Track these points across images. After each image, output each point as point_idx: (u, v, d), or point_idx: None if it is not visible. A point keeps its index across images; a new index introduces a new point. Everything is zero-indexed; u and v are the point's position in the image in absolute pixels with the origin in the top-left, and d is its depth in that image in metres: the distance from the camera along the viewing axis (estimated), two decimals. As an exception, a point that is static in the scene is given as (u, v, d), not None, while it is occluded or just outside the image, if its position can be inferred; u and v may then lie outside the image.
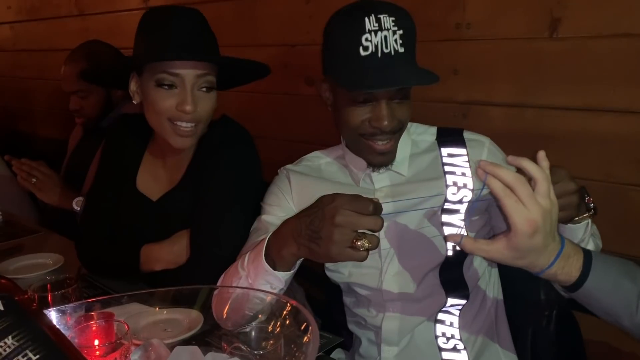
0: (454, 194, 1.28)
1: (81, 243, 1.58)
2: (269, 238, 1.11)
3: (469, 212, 1.27)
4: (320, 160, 1.45)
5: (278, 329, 0.84)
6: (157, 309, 1.07)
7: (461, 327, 1.31)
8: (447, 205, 1.28)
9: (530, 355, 1.39)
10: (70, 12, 3.23)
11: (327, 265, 1.43)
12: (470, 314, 1.33)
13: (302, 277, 1.68)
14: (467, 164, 1.30)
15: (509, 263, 0.97)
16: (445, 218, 1.28)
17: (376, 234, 0.98)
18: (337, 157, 1.42)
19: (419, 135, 1.39)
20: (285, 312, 0.84)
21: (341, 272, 1.40)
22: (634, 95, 1.39)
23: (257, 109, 2.28)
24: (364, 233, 0.96)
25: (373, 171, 1.33)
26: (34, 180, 2.02)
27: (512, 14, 1.55)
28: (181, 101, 1.37)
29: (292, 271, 1.11)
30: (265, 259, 1.09)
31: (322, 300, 1.81)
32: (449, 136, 1.36)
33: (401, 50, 1.16)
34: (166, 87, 1.37)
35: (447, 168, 1.31)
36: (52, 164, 2.45)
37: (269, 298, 0.93)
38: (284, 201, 1.40)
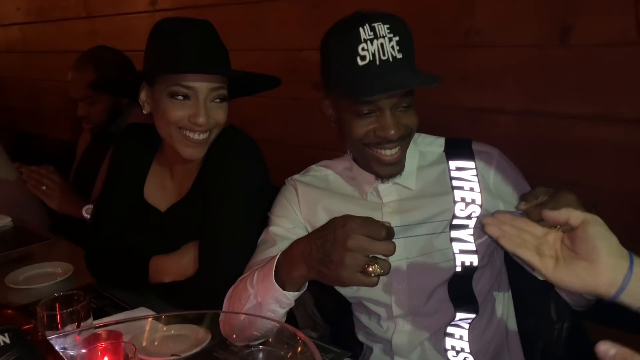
0: (462, 210, 1.27)
1: (90, 254, 1.59)
2: (278, 258, 1.10)
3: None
4: (328, 171, 1.44)
5: (289, 355, 0.83)
6: (164, 328, 1.07)
7: (471, 341, 1.30)
8: (455, 221, 1.27)
9: (541, 369, 1.39)
10: (78, 14, 3.23)
11: None
12: (480, 327, 1.32)
13: (312, 285, 1.68)
14: (476, 178, 1.29)
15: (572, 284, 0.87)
16: (453, 234, 1.27)
17: (388, 258, 0.97)
18: (345, 169, 1.41)
19: (426, 147, 1.37)
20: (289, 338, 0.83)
21: (350, 287, 1.39)
22: (646, 105, 1.37)
23: (265, 113, 2.28)
24: (375, 258, 0.95)
25: (382, 182, 1.32)
26: (44, 187, 2.02)
27: (522, 21, 1.53)
28: (194, 113, 1.37)
29: (302, 291, 1.10)
30: (274, 278, 1.08)
31: (331, 307, 1.81)
32: (457, 148, 1.34)
33: (399, 56, 1.15)
34: (180, 98, 1.38)
35: (455, 183, 1.29)
36: (62, 166, 2.46)
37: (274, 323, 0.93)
38: (292, 212, 1.39)
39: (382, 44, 1.14)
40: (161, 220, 1.54)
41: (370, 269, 0.94)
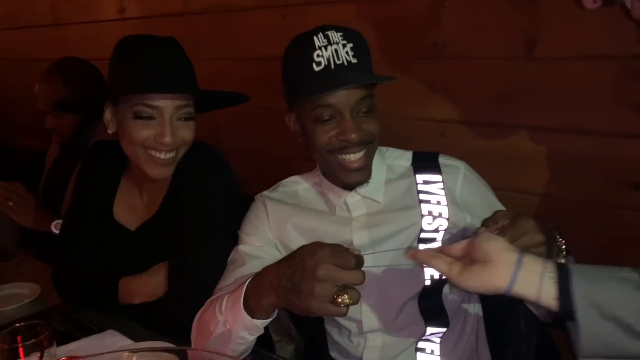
0: (429, 223, 1.28)
1: (57, 273, 1.56)
2: (247, 285, 1.08)
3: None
4: (298, 186, 1.44)
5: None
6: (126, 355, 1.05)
7: (442, 355, 1.30)
8: (423, 235, 1.27)
9: (511, 380, 1.39)
10: (46, 21, 3.17)
11: None
12: (451, 341, 1.33)
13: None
14: (443, 192, 1.30)
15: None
16: (422, 247, 1.27)
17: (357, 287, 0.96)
18: (315, 184, 1.41)
19: (394, 160, 1.38)
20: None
21: None
22: (611, 117, 1.39)
23: (236, 123, 2.26)
24: (345, 287, 0.94)
25: (350, 192, 1.31)
26: (11, 203, 1.98)
27: (489, 33, 1.54)
28: (160, 133, 1.35)
29: (272, 318, 1.09)
30: (243, 306, 1.07)
31: (306, 320, 1.80)
32: (425, 162, 1.35)
33: (354, 60, 1.19)
34: (144, 118, 1.35)
35: (422, 196, 1.30)
36: (33, 176, 2.42)
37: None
38: (261, 230, 1.39)
39: (336, 50, 1.18)
40: (131, 240, 1.51)
41: (340, 299, 0.93)
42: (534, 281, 0.88)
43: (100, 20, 2.82)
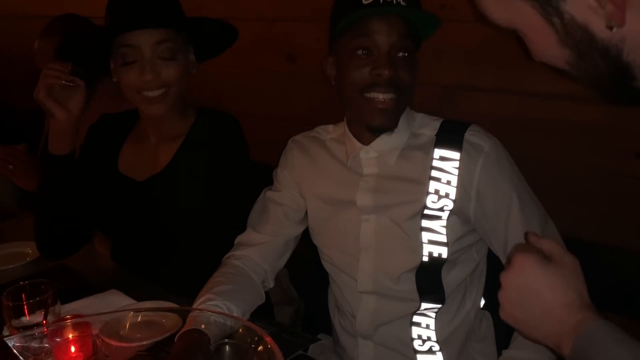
0: (433, 202, 1.24)
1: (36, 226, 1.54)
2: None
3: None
4: (328, 135, 1.43)
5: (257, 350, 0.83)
6: (131, 314, 1.06)
7: (437, 329, 1.30)
8: (426, 212, 1.24)
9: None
10: (43, -23, 3.10)
11: (319, 247, 1.43)
12: (448, 317, 1.31)
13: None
14: (456, 171, 1.23)
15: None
16: (424, 223, 1.24)
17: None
18: (341, 134, 1.39)
19: (419, 129, 1.32)
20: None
21: (325, 252, 1.40)
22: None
23: (237, 85, 2.23)
24: None
25: (374, 136, 1.28)
26: (11, 167, 1.97)
27: (499, -5, 1.50)
28: (140, 71, 1.36)
29: None
30: None
31: (306, 282, 1.82)
32: (450, 133, 1.27)
33: (403, 3, 1.18)
34: (129, 60, 1.36)
35: (434, 173, 1.25)
36: (31, 136, 2.39)
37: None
38: (285, 174, 1.44)
39: None
40: (138, 191, 1.51)
41: None
42: None
43: (99, -23, 2.75)
